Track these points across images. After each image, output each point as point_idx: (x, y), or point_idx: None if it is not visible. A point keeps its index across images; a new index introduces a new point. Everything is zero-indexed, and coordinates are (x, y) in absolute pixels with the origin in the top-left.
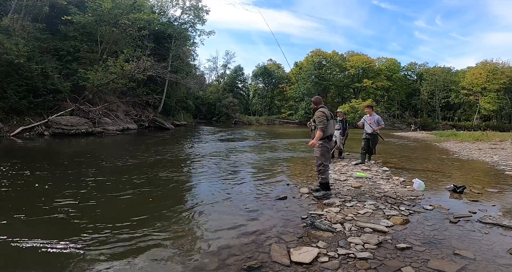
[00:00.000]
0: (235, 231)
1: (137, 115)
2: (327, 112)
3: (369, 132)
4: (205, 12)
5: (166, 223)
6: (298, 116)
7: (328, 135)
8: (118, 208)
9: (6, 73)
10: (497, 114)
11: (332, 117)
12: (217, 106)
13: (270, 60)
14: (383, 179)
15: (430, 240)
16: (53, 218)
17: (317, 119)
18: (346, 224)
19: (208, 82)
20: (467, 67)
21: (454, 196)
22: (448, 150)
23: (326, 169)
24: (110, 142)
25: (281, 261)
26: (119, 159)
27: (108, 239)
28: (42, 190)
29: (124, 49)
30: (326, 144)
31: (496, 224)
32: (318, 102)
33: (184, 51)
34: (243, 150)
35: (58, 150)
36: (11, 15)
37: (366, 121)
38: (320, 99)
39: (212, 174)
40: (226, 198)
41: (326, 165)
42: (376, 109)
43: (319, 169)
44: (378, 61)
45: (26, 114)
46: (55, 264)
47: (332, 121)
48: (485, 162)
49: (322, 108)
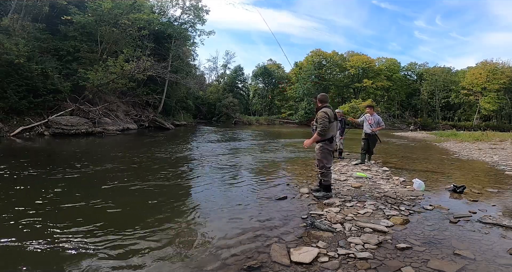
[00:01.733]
0: (235, 231)
1: (137, 115)
2: (330, 113)
3: (368, 133)
4: (205, 12)
5: (166, 223)
6: (298, 116)
7: (329, 137)
8: (117, 208)
9: (6, 73)
10: (497, 114)
11: (336, 119)
12: (217, 106)
13: (270, 60)
14: (383, 179)
15: (430, 240)
16: (53, 219)
17: (319, 120)
18: (346, 224)
19: (208, 82)
20: (467, 67)
21: (454, 196)
22: (448, 150)
23: (329, 171)
24: (110, 142)
25: (281, 261)
26: (119, 160)
27: (108, 239)
28: (41, 190)
29: (124, 49)
30: (326, 146)
31: (496, 224)
32: (324, 101)
33: (184, 51)
34: (243, 150)
35: (58, 150)
36: (11, 15)
37: (367, 120)
38: (326, 97)
39: (212, 174)
40: (226, 198)
41: (328, 167)
42: (376, 109)
43: (322, 172)
44: (378, 61)
45: (26, 114)
46: (54, 264)
47: (335, 123)
48: (485, 162)
49: (326, 109)
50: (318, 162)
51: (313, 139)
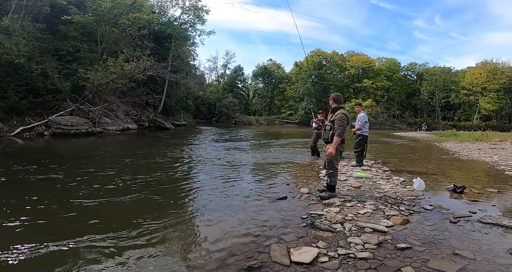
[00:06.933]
0: (235, 231)
1: (137, 115)
2: (348, 115)
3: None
4: (205, 12)
5: (166, 223)
6: (298, 116)
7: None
8: (117, 209)
9: (6, 73)
10: (497, 114)
11: (349, 122)
12: (217, 106)
13: (270, 60)
14: (383, 179)
15: (430, 240)
16: (52, 219)
17: (338, 122)
18: (346, 224)
19: (208, 82)
20: (467, 67)
21: (454, 196)
22: (448, 150)
23: (337, 172)
24: (110, 142)
25: (281, 261)
26: (118, 160)
27: (107, 239)
28: (40, 191)
29: (124, 49)
30: (339, 147)
31: (496, 224)
32: (339, 101)
33: (184, 51)
34: (243, 150)
35: (58, 150)
36: (11, 15)
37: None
38: (341, 97)
39: (211, 174)
40: (226, 198)
41: (336, 168)
42: (376, 109)
43: (331, 172)
44: (378, 61)
45: (26, 114)
46: (54, 264)
47: (348, 126)
48: (485, 162)
49: (343, 110)
50: (328, 162)
51: (335, 143)
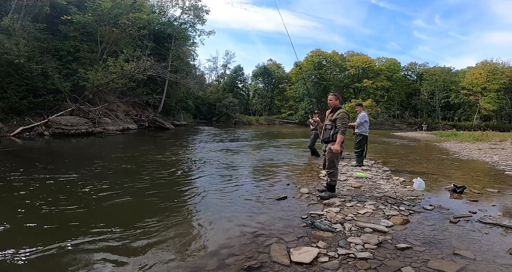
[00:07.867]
0: (235, 231)
1: (137, 115)
2: (348, 114)
3: (357, 132)
4: (205, 12)
5: (166, 223)
6: (298, 116)
7: None
8: (117, 209)
9: (6, 73)
10: (497, 114)
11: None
12: (217, 106)
13: (270, 60)
14: (383, 179)
15: (430, 240)
16: (52, 219)
17: (341, 121)
18: (346, 224)
19: (208, 82)
20: (467, 67)
21: (454, 196)
22: (448, 150)
23: (337, 172)
24: (110, 142)
25: (281, 261)
26: (118, 160)
27: (107, 239)
28: (39, 191)
29: (124, 49)
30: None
31: (496, 224)
32: (340, 100)
33: (184, 51)
34: (243, 150)
35: (58, 150)
36: (11, 15)
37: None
38: (341, 96)
39: (211, 174)
40: (226, 198)
41: (337, 168)
42: (376, 109)
43: (331, 172)
44: (378, 61)
45: (26, 114)
46: (54, 264)
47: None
48: (485, 162)
49: (344, 109)
50: (329, 162)
51: (339, 140)
